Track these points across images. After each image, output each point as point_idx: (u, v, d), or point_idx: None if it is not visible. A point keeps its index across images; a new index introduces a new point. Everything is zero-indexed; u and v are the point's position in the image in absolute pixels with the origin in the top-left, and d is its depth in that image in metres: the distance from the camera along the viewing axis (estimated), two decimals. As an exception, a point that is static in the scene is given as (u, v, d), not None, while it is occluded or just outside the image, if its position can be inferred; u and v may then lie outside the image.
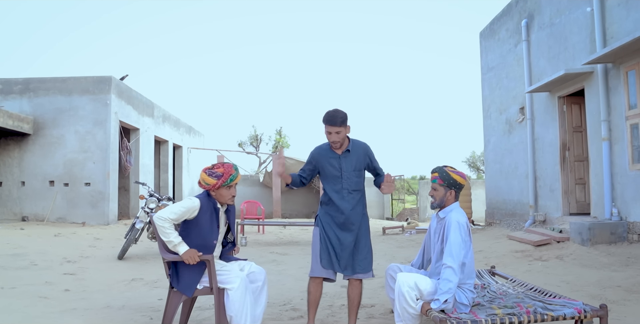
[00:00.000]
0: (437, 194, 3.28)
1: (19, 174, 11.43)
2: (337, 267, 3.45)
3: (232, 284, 3.11)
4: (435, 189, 3.29)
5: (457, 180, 3.24)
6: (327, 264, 3.43)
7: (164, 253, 3.21)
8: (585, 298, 4.26)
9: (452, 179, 3.23)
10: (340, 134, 3.42)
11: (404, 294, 3.01)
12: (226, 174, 3.28)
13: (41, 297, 4.65)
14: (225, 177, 3.27)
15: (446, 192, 3.25)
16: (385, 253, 7.94)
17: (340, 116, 3.39)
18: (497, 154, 10.89)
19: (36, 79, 11.64)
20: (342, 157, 3.50)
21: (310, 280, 3.53)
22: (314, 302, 3.51)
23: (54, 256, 7.00)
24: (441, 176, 3.25)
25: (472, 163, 32.37)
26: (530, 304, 2.91)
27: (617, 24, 6.69)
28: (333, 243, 3.46)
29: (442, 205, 3.29)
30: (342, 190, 3.49)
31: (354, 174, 3.51)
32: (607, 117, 6.93)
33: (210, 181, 3.26)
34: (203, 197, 3.31)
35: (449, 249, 3.02)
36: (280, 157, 3.43)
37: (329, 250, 3.45)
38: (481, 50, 11.71)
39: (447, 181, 3.23)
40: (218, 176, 3.27)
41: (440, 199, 3.28)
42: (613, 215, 6.67)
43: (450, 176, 3.24)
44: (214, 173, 3.28)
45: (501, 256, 6.90)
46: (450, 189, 3.25)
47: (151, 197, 7.42)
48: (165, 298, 3.40)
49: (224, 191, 3.31)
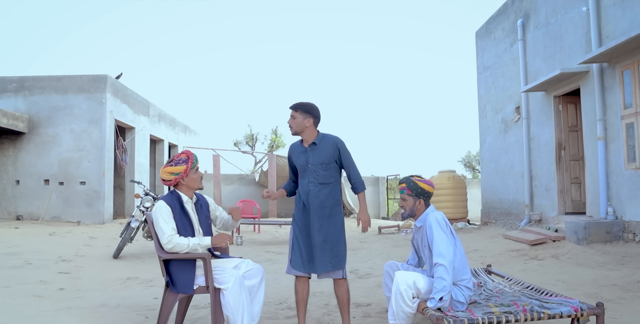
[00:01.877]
0: (406, 204, 3.36)
1: (14, 172, 11.36)
2: (306, 266, 3.42)
3: (226, 284, 3.10)
4: (405, 199, 3.36)
5: (425, 189, 3.31)
6: (295, 264, 3.43)
7: (160, 251, 3.20)
8: (581, 296, 4.27)
9: (420, 188, 3.31)
10: (295, 120, 3.49)
11: (402, 293, 3.02)
12: (190, 156, 3.35)
13: (36, 296, 4.62)
14: (191, 160, 3.33)
15: (415, 202, 3.32)
16: (381, 252, 7.95)
17: (301, 103, 3.52)
18: (493, 153, 10.90)
19: (31, 78, 11.57)
20: (309, 151, 3.51)
21: (295, 279, 3.52)
22: (301, 301, 3.49)
23: (49, 254, 6.96)
24: (409, 186, 3.33)
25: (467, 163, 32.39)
26: (527, 303, 2.91)
27: (612, 23, 6.70)
28: (301, 241, 3.44)
29: (413, 214, 3.36)
30: (309, 184, 3.47)
31: (320, 167, 3.48)
32: (603, 117, 6.94)
33: (179, 169, 3.28)
34: (165, 197, 3.32)
35: (437, 249, 3.05)
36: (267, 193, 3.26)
37: (299, 249, 3.43)
38: (477, 49, 11.72)
39: (415, 190, 3.31)
40: (184, 160, 3.32)
41: (410, 208, 3.35)
42: (609, 214, 6.69)
43: (418, 185, 3.31)
44: (180, 160, 3.32)
45: (497, 255, 6.91)
46: (419, 198, 3.32)
47: (147, 196, 7.39)
48: (160, 296, 3.39)
49: (192, 174, 3.34)
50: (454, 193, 11.53)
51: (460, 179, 11.90)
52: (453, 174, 11.92)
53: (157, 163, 15.71)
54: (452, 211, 11.51)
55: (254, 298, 3.31)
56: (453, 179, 11.71)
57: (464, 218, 11.58)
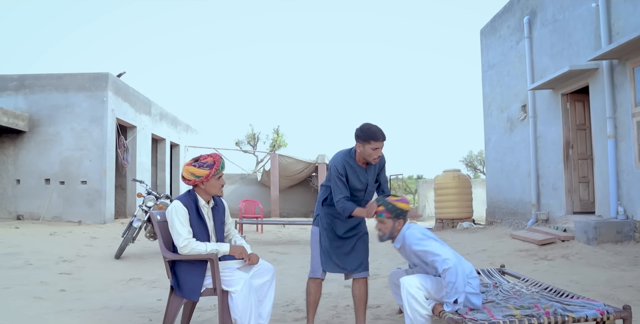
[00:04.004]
0: (385, 227, 3.22)
1: (14, 172, 11.25)
2: (339, 268, 3.41)
3: (235, 287, 2.98)
4: (383, 222, 3.22)
5: (402, 208, 3.20)
6: (327, 266, 3.39)
7: (165, 251, 3.08)
8: (597, 297, 4.14)
9: (398, 209, 3.19)
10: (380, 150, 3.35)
11: (414, 296, 2.94)
12: (217, 162, 3.16)
13: (36, 297, 4.51)
14: (217, 166, 3.15)
15: (394, 223, 3.21)
16: (387, 252, 7.82)
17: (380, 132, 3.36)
18: (498, 152, 10.78)
19: (32, 76, 11.45)
20: (367, 171, 3.44)
21: (310, 281, 3.47)
22: (313, 303, 3.46)
23: (50, 255, 6.85)
24: (387, 208, 3.19)
25: (469, 162, 32.25)
26: (548, 305, 2.79)
27: (623, 19, 6.58)
28: (334, 245, 3.41)
29: (393, 236, 3.24)
30: (361, 201, 3.44)
31: (373, 186, 3.52)
32: (613, 115, 6.82)
33: (202, 173, 3.11)
34: (182, 198, 3.18)
35: (432, 258, 2.96)
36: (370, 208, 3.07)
37: (330, 252, 3.40)
38: (482, 47, 11.60)
39: (394, 212, 3.18)
40: (210, 165, 3.13)
41: (390, 231, 3.22)
42: (619, 214, 6.57)
43: (396, 206, 3.19)
44: (205, 163, 3.14)
45: (505, 255, 6.79)
46: (398, 219, 3.21)
47: (149, 195, 7.29)
48: (164, 298, 3.28)
49: (214, 181, 3.17)
50: (459, 193, 11.40)
51: (465, 179, 11.78)
52: (458, 174, 11.80)
53: (159, 162, 15.61)
54: (457, 211, 11.39)
55: (264, 297, 3.19)
56: (458, 178, 11.59)
57: (469, 218, 11.45)
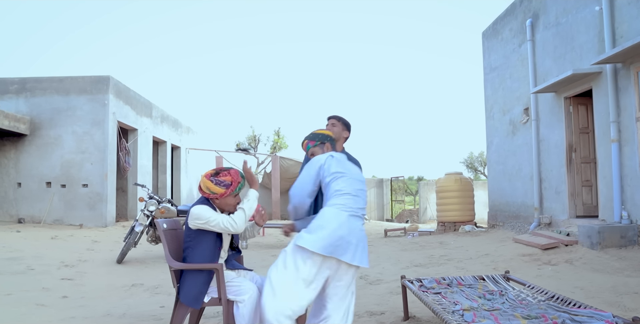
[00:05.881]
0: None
1: (15, 175, 11.23)
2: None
3: (243, 296, 2.95)
4: (314, 153, 3.20)
5: (325, 133, 3.28)
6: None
7: (171, 261, 3.05)
8: (603, 305, 4.12)
9: (320, 134, 3.26)
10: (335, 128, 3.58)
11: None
12: (235, 182, 3.10)
13: (38, 304, 4.49)
14: (234, 186, 3.09)
15: (323, 149, 3.22)
16: (390, 256, 7.79)
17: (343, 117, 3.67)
18: (501, 155, 10.76)
19: (33, 79, 11.44)
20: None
21: None
22: None
23: (51, 259, 6.82)
24: (309, 137, 3.26)
25: (469, 164, 32.24)
26: (556, 316, 2.76)
27: (627, 23, 6.56)
28: None
29: None
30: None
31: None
32: (617, 119, 6.80)
33: (217, 190, 3.06)
34: (199, 202, 3.14)
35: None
36: None
37: None
38: (484, 50, 11.58)
39: (317, 138, 3.23)
40: (227, 185, 3.08)
41: None
42: (623, 218, 6.54)
43: (316, 133, 3.27)
44: (222, 182, 3.07)
45: (508, 260, 6.76)
46: (324, 144, 3.23)
47: (151, 200, 7.27)
48: (167, 305, 3.25)
49: (230, 199, 3.13)
50: (461, 195, 11.36)
51: (467, 182, 11.74)
52: (460, 177, 11.76)
53: (160, 165, 15.58)
54: (459, 214, 11.35)
55: None
56: (460, 181, 11.55)
57: (471, 221, 11.42)
